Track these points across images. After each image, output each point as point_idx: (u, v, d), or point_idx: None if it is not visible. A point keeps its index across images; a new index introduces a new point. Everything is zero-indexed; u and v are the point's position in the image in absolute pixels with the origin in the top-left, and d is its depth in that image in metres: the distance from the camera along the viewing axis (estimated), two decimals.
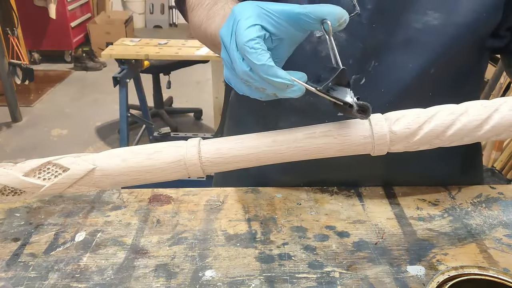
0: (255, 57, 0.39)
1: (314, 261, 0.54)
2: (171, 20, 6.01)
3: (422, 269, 0.53)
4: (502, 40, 0.60)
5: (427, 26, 0.55)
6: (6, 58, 3.20)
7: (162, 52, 2.32)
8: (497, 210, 0.64)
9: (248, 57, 0.39)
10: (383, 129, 0.43)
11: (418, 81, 0.57)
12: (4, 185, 0.41)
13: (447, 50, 0.56)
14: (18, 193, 0.42)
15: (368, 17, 0.55)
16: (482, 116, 0.43)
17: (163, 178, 0.43)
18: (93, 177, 0.42)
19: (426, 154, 0.67)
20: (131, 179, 0.42)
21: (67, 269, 0.53)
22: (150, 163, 0.42)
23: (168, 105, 3.41)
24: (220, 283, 0.51)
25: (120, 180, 0.42)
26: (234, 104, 0.78)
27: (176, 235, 0.59)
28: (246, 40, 0.39)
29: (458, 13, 0.55)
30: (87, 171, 0.41)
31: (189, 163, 0.42)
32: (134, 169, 0.42)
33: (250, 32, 0.39)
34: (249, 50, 0.39)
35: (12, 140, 3.00)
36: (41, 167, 0.42)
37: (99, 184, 0.42)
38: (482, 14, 0.54)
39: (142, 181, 0.43)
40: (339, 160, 0.65)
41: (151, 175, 0.42)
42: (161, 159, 0.42)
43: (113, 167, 0.42)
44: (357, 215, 0.63)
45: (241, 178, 0.73)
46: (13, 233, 0.59)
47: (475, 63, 0.63)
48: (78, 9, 4.64)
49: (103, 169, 0.42)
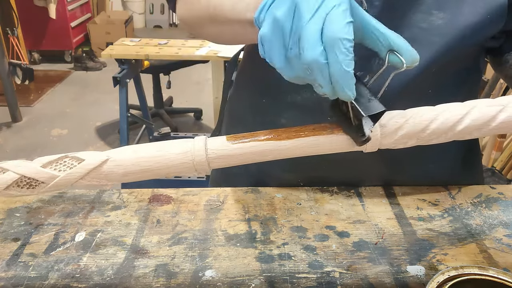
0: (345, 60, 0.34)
1: (314, 261, 0.54)
2: (171, 20, 6.01)
3: (422, 269, 0.53)
4: (497, 41, 0.61)
5: (432, 26, 0.56)
6: (6, 58, 3.20)
7: (162, 52, 2.32)
8: (497, 210, 0.64)
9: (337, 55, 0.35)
10: (375, 128, 0.44)
11: (420, 79, 0.58)
12: (22, 175, 0.42)
13: (450, 50, 0.56)
14: (33, 186, 0.43)
15: (375, 14, 0.56)
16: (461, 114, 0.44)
17: (171, 169, 0.44)
18: (106, 168, 0.44)
19: (426, 153, 0.67)
20: (140, 169, 0.44)
21: (67, 269, 0.53)
22: (160, 153, 0.44)
23: (168, 105, 3.41)
24: (220, 283, 0.51)
25: (131, 170, 0.44)
26: (233, 100, 0.77)
27: (176, 235, 0.59)
28: (344, 37, 0.34)
29: (463, 14, 0.55)
30: (101, 161, 0.43)
31: (196, 153, 0.43)
32: (144, 159, 0.44)
33: (349, 30, 0.35)
34: (342, 50, 0.34)
35: (12, 140, 3.00)
36: (59, 160, 0.44)
37: (110, 176, 0.44)
38: (486, 16, 0.55)
39: (151, 172, 0.44)
40: (340, 159, 0.65)
41: (159, 166, 0.44)
42: (170, 150, 0.44)
43: (125, 157, 0.44)
44: (357, 215, 0.63)
45: (242, 177, 0.73)
46: (13, 233, 0.59)
47: (475, 62, 0.64)
48: (78, 9, 4.64)
49: (116, 159, 0.44)
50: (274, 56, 0.39)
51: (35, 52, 4.43)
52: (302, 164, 0.68)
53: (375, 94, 0.39)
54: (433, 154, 0.68)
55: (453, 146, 0.69)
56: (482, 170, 0.79)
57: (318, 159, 0.66)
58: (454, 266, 0.44)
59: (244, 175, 0.73)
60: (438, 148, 0.68)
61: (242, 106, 0.73)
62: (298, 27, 0.36)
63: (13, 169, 0.42)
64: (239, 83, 0.75)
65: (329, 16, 0.35)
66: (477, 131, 0.44)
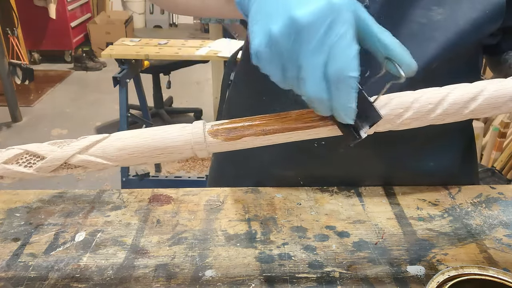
0: (350, 99, 0.34)
1: (314, 261, 0.54)
2: (171, 20, 6.01)
3: (422, 269, 0.53)
4: (494, 38, 0.61)
5: (431, 21, 0.56)
6: (6, 58, 3.20)
7: (162, 52, 2.32)
8: (497, 210, 0.64)
9: (342, 93, 0.34)
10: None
11: (420, 74, 0.58)
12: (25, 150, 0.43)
13: (450, 46, 0.57)
14: (31, 164, 0.44)
15: (377, 10, 0.56)
16: (466, 97, 0.44)
17: (169, 144, 0.43)
18: (109, 144, 0.43)
19: (424, 149, 0.68)
20: (140, 142, 0.43)
21: (67, 269, 0.53)
22: (158, 133, 0.44)
23: (168, 105, 3.42)
24: (220, 283, 0.51)
25: (130, 144, 0.43)
26: (231, 100, 0.78)
27: (176, 235, 0.59)
28: (349, 75, 0.33)
29: (462, 10, 0.56)
30: (104, 137, 0.44)
31: (194, 131, 0.43)
32: (144, 137, 0.43)
33: (355, 65, 0.33)
34: (347, 90, 0.33)
35: (12, 140, 3.00)
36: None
37: (107, 150, 0.43)
38: (485, 12, 0.55)
39: (148, 148, 0.43)
40: (340, 156, 0.65)
41: (155, 142, 0.43)
42: (168, 131, 0.43)
43: (125, 134, 0.44)
44: (357, 215, 0.63)
45: (241, 178, 0.73)
46: (13, 233, 0.59)
47: (474, 59, 0.64)
48: (78, 9, 4.64)
49: (118, 137, 0.44)
50: (271, 71, 0.37)
51: (35, 52, 4.43)
52: (302, 162, 0.68)
53: (372, 95, 0.40)
54: (433, 152, 0.68)
55: (449, 141, 0.69)
56: (477, 164, 0.80)
57: (318, 156, 0.66)
58: (454, 266, 0.44)
59: (243, 175, 0.73)
60: (436, 144, 0.68)
61: (241, 105, 0.73)
62: (299, 54, 0.34)
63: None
64: (238, 82, 0.75)
65: (334, 50, 0.33)
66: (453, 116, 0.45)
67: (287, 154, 0.68)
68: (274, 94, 0.65)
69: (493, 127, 2.17)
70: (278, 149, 0.55)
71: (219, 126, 0.43)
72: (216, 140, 0.43)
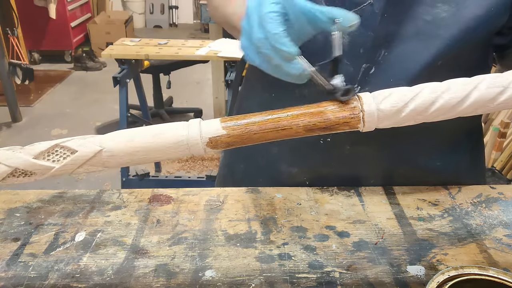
0: (271, 26, 0.43)
1: (314, 261, 0.54)
2: (171, 20, 6.01)
3: (422, 269, 0.53)
4: (505, 38, 0.61)
5: (436, 18, 0.56)
6: (6, 58, 3.20)
7: (162, 52, 2.32)
8: (497, 210, 0.64)
9: (265, 26, 0.43)
10: (371, 107, 0.44)
11: (426, 72, 0.58)
12: (15, 167, 0.42)
13: (455, 43, 0.57)
14: (28, 175, 0.43)
15: (381, 7, 0.56)
16: (462, 94, 0.44)
17: (167, 155, 0.44)
18: (101, 158, 0.43)
19: (430, 150, 0.67)
20: (137, 158, 0.44)
21: (67, 269, 0.53)
22: (155, 139, 0.44)
23: (168, 105, 3.41)
24: (220, 283, 0.51)
25: (125, 160, 0.44)
26: (242, 97, 0.78)
27: (176, 235, 0.59)
28: (268, 11, 0.43)
29: (467, 7, 0.56)
30: (95, 153, 0.43)
31: (191, 140, 0.44)
32: (139, 147, 0.44)
33: (273, 6, 0.44)
34: (268, 20, 0.43)
35: (12, 140, 3.00)
36: (50, 150, 0.43)
37: (107, 164, 0.44)
38: (490, 9, 0.55)
39: (147, 160, 0.44)
40: (343, 154, 0.65)
41: (156, 154, 0.44)
42: (166, 133, 0.44)
43: (119, 147, 0.44)
44: (357, 215, 0.63)
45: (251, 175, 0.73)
46: (13, 233, 0.59)
47: (482, 60, 0.63)
48: (78, 9, 4.64)
49: (110, 150, 0.43)
50: (251, 56, 0.47)
51: (35, 52, 4.43)
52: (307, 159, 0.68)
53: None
54: (436, 150, 0.68)
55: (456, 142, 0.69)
56: (484, 168, 0.80)
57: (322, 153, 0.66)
58: (454, 266, 0.44)
59: (253, 173, 0.73)
60: (442, 144, 0.68)
61: (251, 102, 0.74)
62: (250, 17, 0.46)
63: (5, 162, 0.42)
64: (248, 79, 0.76)
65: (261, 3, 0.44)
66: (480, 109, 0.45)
67: (295, 152, 0.68)
68: (282, 89, 0.66)
69: (493, 127, 2.17)
70: (286, 145, 0.58)
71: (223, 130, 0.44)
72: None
